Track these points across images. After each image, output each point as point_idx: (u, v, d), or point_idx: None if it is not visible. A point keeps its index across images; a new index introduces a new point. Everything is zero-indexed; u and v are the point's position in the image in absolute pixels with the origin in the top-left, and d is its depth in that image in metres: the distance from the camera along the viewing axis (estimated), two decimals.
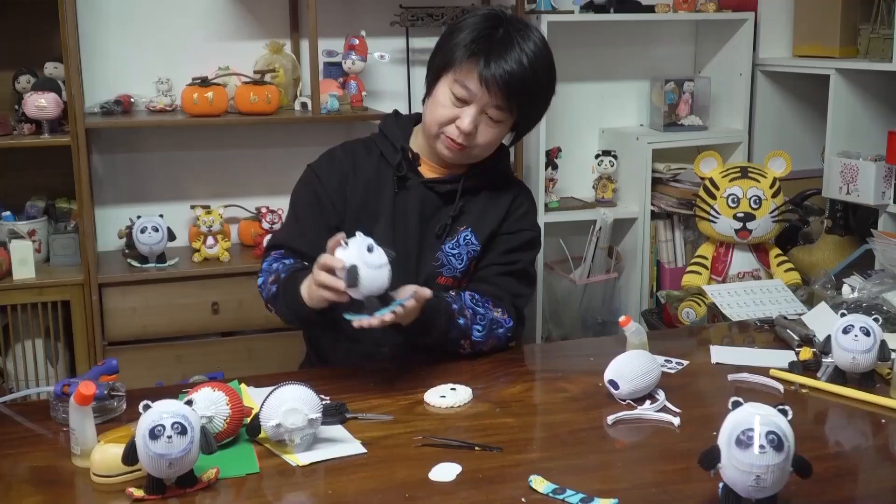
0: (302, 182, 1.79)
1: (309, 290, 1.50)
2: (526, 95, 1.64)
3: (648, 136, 3.16)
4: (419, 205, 1.72)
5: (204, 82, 2.64)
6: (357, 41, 2.84)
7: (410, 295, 1.48)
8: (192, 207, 2.80)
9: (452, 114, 1.65)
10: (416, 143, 1.76)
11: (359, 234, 1.43)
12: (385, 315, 1.42)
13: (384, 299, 1.44)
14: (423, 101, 1.74)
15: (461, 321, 1.62)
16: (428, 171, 1.75)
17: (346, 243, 1.42)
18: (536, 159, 3.03)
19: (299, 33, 2.94)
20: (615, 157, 3.17)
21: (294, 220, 1.73)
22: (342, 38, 2.90)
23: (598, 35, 3.26)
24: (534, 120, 1.75)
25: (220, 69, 2.81)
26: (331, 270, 1.43)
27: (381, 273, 1.41)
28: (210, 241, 2.74)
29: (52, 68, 2.70)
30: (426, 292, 1.51)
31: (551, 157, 3.11)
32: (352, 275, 1.40)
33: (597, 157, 3.19)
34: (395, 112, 1.84)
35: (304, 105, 2.79)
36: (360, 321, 1.42)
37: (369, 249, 1.41)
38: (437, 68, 1.70)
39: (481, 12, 1.68)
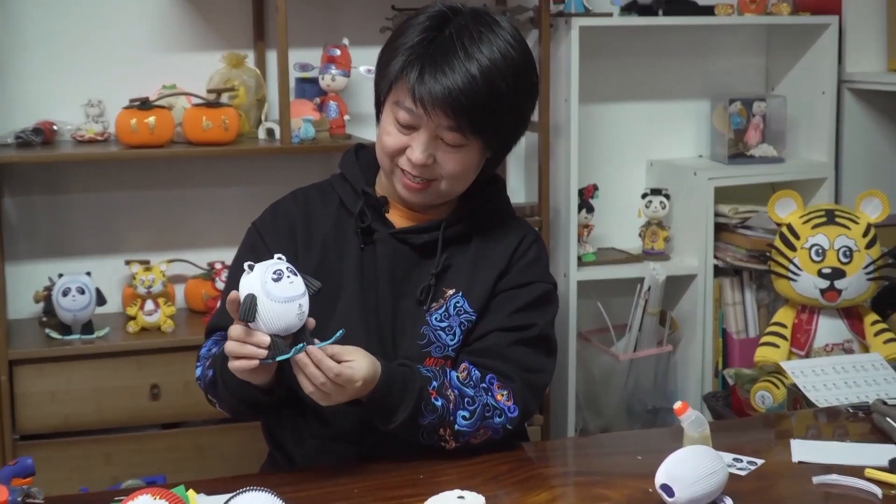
0: (243, 246, 1.82)
1: (231, 364, 1.53)
2: (479, 113, 1.63)
3: (709, 170, 3.19)
4: (389, 263, 1.72)
5: (144, 105, 2.68)
6: (338, 52, 2.89)
7: (348, 353, 1.51)
8: (128, 263, 2.82)
9: (400, 143, 1.67)
10: (384, 184, 1.78)
11: (276, 258, 1.48)
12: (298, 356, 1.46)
13: (298, 342, 1.48)
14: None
15: (439, 402, 1.62)
16: (400, 218, 1.76)
17: (252, 268, 1.47)
18: (566, 200, 3.06)
19: (265, 42, 2.99)
20: (667, 196, 3.19)
21: None
22: (319, 47, 2.94)
23: (644, 43, 3.30)
24: (507, 140, 1.75)
25: (165, 88, 2.85)
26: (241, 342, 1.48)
27: (288, 309, 1.46)
28: (149, 305, 2.76)
29: None
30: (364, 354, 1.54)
31: (585, 198, 3.13)
32: (247, 305, 1.44)
33: (644, 196, 3.21)
34: (357, 146, 1.85)
35: (270, 132, 2.83)
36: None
37: (276, 277, 1.45)
38: (378, 86, 1.73)
39: (429, 11, 1.69)
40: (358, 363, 1.52)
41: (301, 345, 1.47)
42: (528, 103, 1.73)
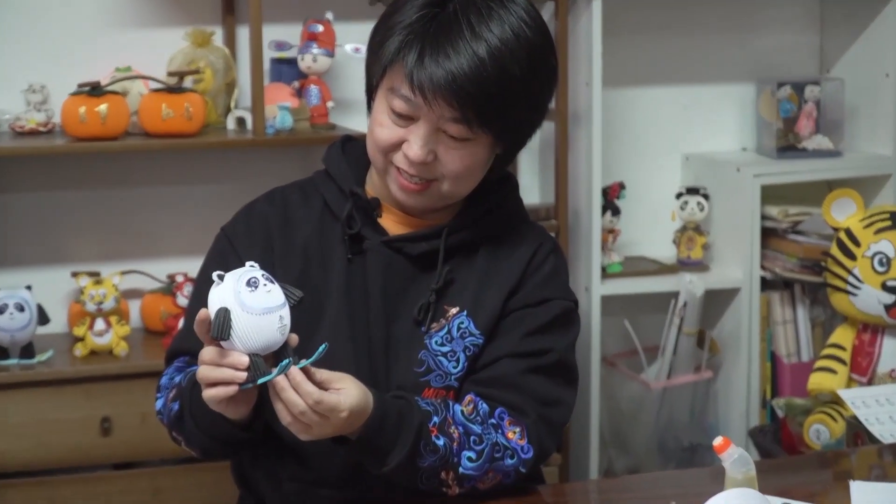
0: (211, 255, 1.82)
1: (205, 393, 1.52)
2: (488, 102, 1.63)
3: (755, 165, 3.19)
4: (382, 276, 1.72)
5: (94, 90, 2.68)
6: (320, 28, 2.89)
7: (336, 381, 1.51)
8: (75, 275, 2.82)
9: (396, 136, 1.67)
10: (376, 183, 1.78)
11: (248, 265, 1.48)
12: (277, 378, 1.46)
13: (281, 361, 1.47)
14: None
15: (441, 441, 1.61)
16: (394, 223, 1.76)
17: (221, 279, 1.47)
18: (588, 200, 3.06)
19: (235, 17, 2.99)
20: (706, 196, 3.20)
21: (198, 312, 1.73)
22: (298, 23, 2.94)
23: (678, 17, 3.31)
24: (520, 133, 1.75)
25: (118, 70, 2.85)
26: (214, 362, 1.48)
27: (267, 322, 1.45)
28: (100, 325, 2.76)
29: None
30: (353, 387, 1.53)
31: (610, 198, 3.13)
32: (220, 320, 1.44)
33: (679, 196, 3.22)
34: (345, 139, 1.85)
35: (241, 121, 2.83)
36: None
37: (251, 286, 1.45)
38: (370, 70, 1.73)
39: None
40: (346, 391, 1.52)
41: (287, 360, 1.47)
42: (546, 90, 1.73)
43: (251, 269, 1.48)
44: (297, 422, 1.50)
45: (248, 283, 1.45)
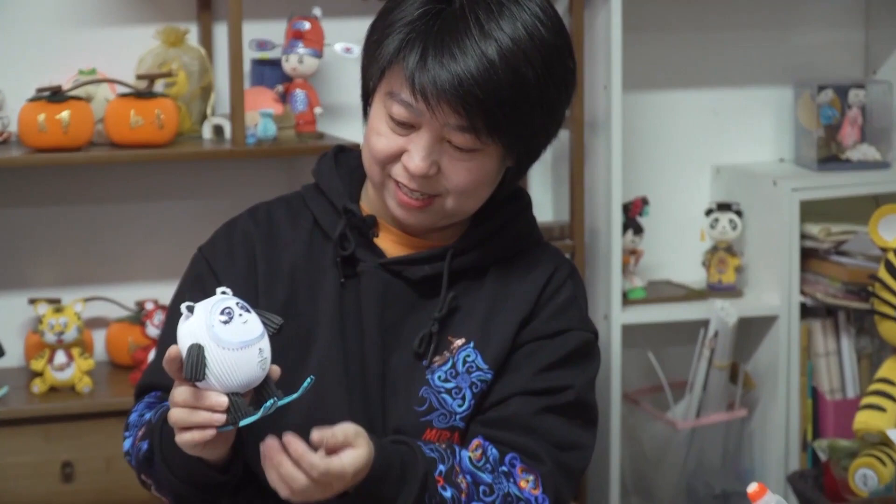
0: (186, 279, 1.82)
1: (179, 437, 1.52)
2: (498, 108, 1.63)
3: (794, 178, 3.19)
4: (379, 303, 1.72)
5: (55, 95, 2.69)
6: (307, 25, 2.89)
7: (339, 433, 1.50)
8: (33, 302, 2.82)
9: (395, 146, 1.67)
10: (372, 199, 1.78)
11: (219, 292, 1.47)
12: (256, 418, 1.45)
13: (263, 398, 1.47)
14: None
15: (447, 492, 1.61)
16: (392, 244, 1.77)
17: (191, 310, 1.46)
18: (607, 218, 3.07)
19: (211, 13, 3.00)
20: (739, 213, 3.20)
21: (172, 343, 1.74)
22: (282, 20, 2.95)
23: (707, 13, 3.32)
24: (534, 144, 1.74)
25: (82, 73, 2.85)
26: (189, 404, 1.47)
27: (246, 357, 1.45)
28: (61, 358, 2.76)
29: None
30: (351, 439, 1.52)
31: (632, 215, 3.13)
32: (193, 359, 1.43)
33: (709, 213, 3.22)
34: (337, 149, 1.85)
35: (218, 130, 2.83)
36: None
37: (226, 318, 1.45)
38: (367, 73, 1.73)
39: None
40: (353, 452, 1.51)
41: (271, 401, 1.47)
42: (562, 96, 1.73)
43: (224, 298, 1.47)
44: (297, 494, 1.50)
45: (223, 314, 1.45)
